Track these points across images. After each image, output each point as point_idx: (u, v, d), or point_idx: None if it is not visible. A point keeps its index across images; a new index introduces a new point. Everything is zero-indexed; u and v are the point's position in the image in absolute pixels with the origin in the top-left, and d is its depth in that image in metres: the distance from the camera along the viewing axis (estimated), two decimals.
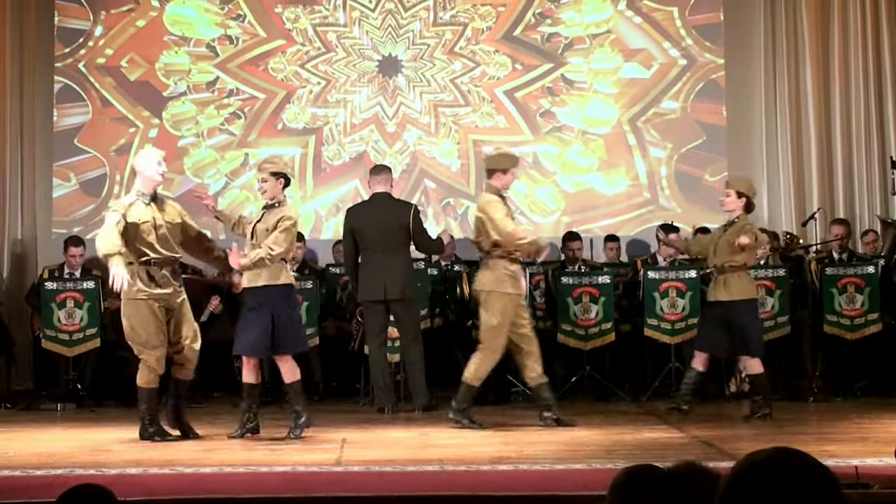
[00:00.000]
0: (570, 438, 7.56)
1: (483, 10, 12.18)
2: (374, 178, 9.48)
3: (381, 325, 9.32)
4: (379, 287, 9.15)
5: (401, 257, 9.26)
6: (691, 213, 11.82)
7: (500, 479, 5.96)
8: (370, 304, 9.30)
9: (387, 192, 9.37)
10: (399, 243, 9.25)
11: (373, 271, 9.21)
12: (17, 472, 6.18)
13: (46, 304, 9.90)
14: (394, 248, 9.20)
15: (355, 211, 9.59)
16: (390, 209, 9.30)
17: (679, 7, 12.12)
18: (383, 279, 9.15)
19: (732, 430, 8.25)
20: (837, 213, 11.41)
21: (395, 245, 9.21)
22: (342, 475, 6.13)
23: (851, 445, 6.92)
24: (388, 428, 8.22)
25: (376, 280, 9.18)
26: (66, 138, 11.93)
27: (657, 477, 2.58)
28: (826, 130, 11.75)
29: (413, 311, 9.35)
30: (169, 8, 12.09)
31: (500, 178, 8.40)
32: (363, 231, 9.28)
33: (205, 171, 12.01)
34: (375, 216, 9.27)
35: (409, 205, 9.57)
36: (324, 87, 12.11)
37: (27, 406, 9.78)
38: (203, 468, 6.33)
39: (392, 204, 9.37)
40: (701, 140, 12.06)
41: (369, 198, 9.58)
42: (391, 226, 9.21)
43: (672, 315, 9.80)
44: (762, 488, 2.04)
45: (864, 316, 9.89)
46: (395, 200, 9.50)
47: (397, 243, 9.23)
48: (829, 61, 11.76)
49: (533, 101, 12.11)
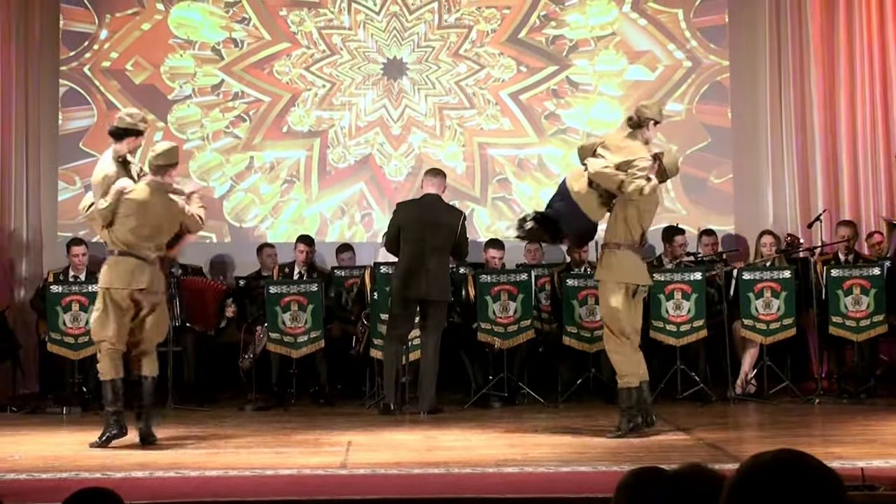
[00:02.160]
0: (576, 441, 7.56)
1: (488, 13, 12.18)
2: (429, 180, 9.58)
3: (408, 323, 9.32)
4: (419, 285, 9.15)
5: (443, 259, 9.32)
6: (696, 215, 11.82)
7: (506, 481, 5.96)
8: (404, 300, 9.28)
9: (438, 195, 9.45)
10: (444, 245, 9.30)
11: (414, 268, 9.20)
12: (23, 476, 6.19)
13: (51, 308, 9.92)
14: (438, 249, 9.26)
15: (405, 207, 9.64)
16: (441, 211, 9.39)
17: (684, 9, 12.12)
18: (425, 277, 9.16)
19: (737, 432, 8.26)
20: (843, 215, 11.39)
21: (439, 246, 9.27)
22: (347, 478, 6.13)
23: (857, 447, 6.92)
24: (394, 431, 8.22)
25: (417, 278, 9.18)
26: (71, 142, 11.94)
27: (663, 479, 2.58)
28: (831, 132, 11.73)
29: (442, 315, 9.36)
30: (174, 11, 12.11)
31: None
32: (410, 228, 9.31)
33: (210, 174, 12.02)
34: (425, 215, 9.31)
35: (460, 211, 9.73)
36: (329, 89, 12.12)
37: (33, 409, 9.79)
38: (208, 471, 6.33)
39: (442, 207, 9.47)
40: (706, 142, 12.06)
41: (420, 197, 9.64)
42: (440, 227, 9.27)
43: (677, 317, 9.79)
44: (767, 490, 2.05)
45: (870, 317, 9.87)
46: (445, 204, 9.60)
47: (442, 245, 9.29)
48: (835, 62, 11.74)
49: (538, 103, 12.11)
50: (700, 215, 11.84)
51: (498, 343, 9.77)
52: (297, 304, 9.88)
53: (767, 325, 9.82)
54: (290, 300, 9.89)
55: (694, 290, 9.85)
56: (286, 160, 12.08)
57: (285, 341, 9.88)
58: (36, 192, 11.84)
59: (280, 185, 12.05)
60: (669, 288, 9.85)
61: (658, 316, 9.82)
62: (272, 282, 10.20)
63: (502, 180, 11.99)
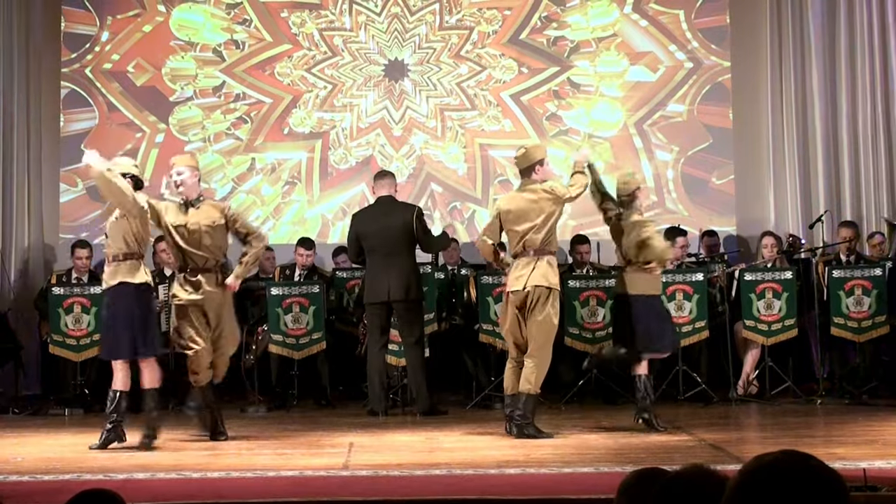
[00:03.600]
0: (578, 442, 7.56)
1: (489, 14, 12.18)
2: (378, 183, 9.60)
3: (382, 328, 9.37)
4: (382, 289, 9.21)
5: (404, 259, 9.30)
6: (698, 216, 11.82)
7: (508, 482, 5.95)
8: (372, 306, 9.34)
9: (390, 196, 9.45)
10: (402, 245, 9.29)
11: (376, 274, 9.27)
12: (26, 478, 6.19)
13: (54, 309, 9.93)
14: (397, 251, 9.25)
15: (360, 215, 9.65)
16: (393, 212, 9.35)
17: (685, 10, 12.12)
18: (387, 281, 9.20)
19: (740, 434, 8.26)
20: (844, 216, 11.39)
21: (398, 247, 9.26)
22: (350, 479, 6.12)
23: (859, 448, 6.91)
24: (396, 432, 8.22)
25: (380, 282, 9.24)
26: (73, 143, 11.94)
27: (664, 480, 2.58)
28: (833, 132, 11.73)
29: (416, 314, 9.36)
30: (175, 13, 12.11)
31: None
32: (367, 235, 9.34)
33: (211, 175, 12.02)
34: (379, 220, 9.33)
35: (412, 207, 9.63)
36: (330, 91, 12.13)
37: (35, 411, 9.80)
38: (210, 472, 6.33)
39: (395, 207, 9.43)
40: (707, 143, 12.06)
41: (374, 202, 9.65)
42: (394, 228, 9.27)
43: (679, 318, 9.79)
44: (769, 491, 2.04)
45: (872, 318, 9.88)
46: (399, 203, 9.55)
47: (400, 245, 9.28)
48: (836, 63, 11.74)
49: (539, 104, 12.12)
50: (701, 216, 11.84)
51: (500, 344, 9.77)
52: (299, 305, 9.89)
53: (769, 326, 9.83)
54: (292, 301, 9.90)
55: (695, 290, 9.86)
56: (287, 162, 12.09)
57: (287, 343, 9.89)
58: (37, 194, 11.83)
59: (281, 187, 12.05)
60: (671, 289, 9.85)
61: None
62: (274, 283, 10.21)
63: (504, 181, 11.98)
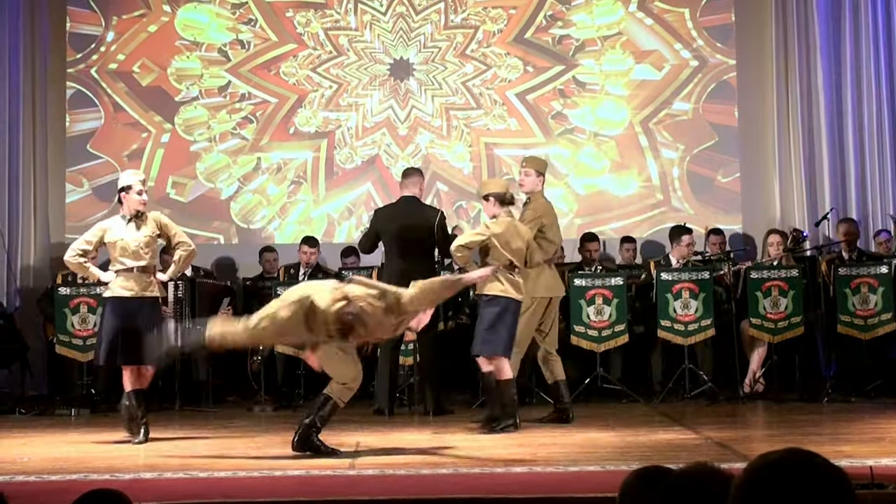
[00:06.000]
0: (584, 440, 7.56)
1: (494, 13, 12.18)
2: (404, 182, 9.55)
3: None
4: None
5: (424, 260, 9.26)
6: (704, 215, 11.81)
7: (514, 481, 5.95)
8: None
9: (415, 196, 9.40)
10: (423, 247, 9.26)
11: (392, 274, 9.20)
12: (32, 478, 6.19)
13: (60, 310, 9.93)
14: (417, 252, 9.20)
15: (382, 213, 9.61)
16: (417, 213, 9.32)
17: (690, 8, 12.12)
18: (402, 283, 9.14)
19: (746, 432, 8.25)
20: (850, 213, 11.38)
21: (418, 248, 9.22)
22: (356, 478, 6.12)
23: (866, 446, 6.90)
24: (402, 431, 8.23)
25: (398, 282, 9.18)
26: (78, 144, 11.96)
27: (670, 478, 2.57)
28: (838, 130, 11.72)
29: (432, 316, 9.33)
30: (180, 13, 12.12)
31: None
32: (388, 233, 9.29)
33: (217, 175, 12.03)
34: (401, 219, 9.28)
35: (436, 211, 9.57)
36: (335, 90, 12.13)
37: (41, 411, 9.80)
38: (217, 472, 6.33)
39: (418, 208, 9.40)
40: (713, 141, 12.05)
41: (397, 200, 9.61)
42: (416, 229, 9.21)
43: (685, 316, 9.79)
44: (775, 489, 2.04)
45: (878, 316, 9.87)
46: (423, 205, 9.53)
47: (421, 247, 9.24)
48: (841, 60, 11.73)
49: (545, 103, 12.11)
50: (707, 214, 11.83)
51: None
52: None
53: (775, 324, 9.82)
54: None
55: (702, 289, 9.86)
56: (293, 161, 12.09)
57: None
58: (43, 194, 11.85)
59: (287, 187, 12.06)
60: (677, 287, 9.85)
61: (666, 315, 9.83)
62: (280, 283, 10.20)
63: (509, 180, 11.96)
